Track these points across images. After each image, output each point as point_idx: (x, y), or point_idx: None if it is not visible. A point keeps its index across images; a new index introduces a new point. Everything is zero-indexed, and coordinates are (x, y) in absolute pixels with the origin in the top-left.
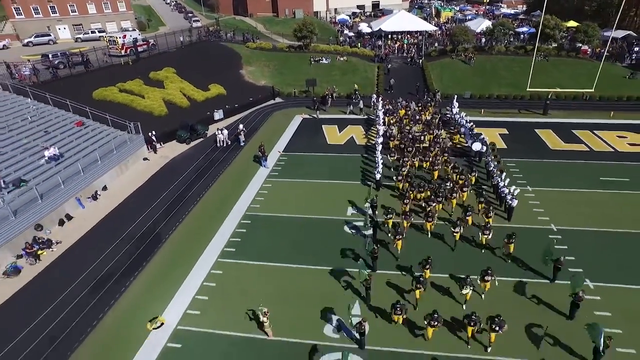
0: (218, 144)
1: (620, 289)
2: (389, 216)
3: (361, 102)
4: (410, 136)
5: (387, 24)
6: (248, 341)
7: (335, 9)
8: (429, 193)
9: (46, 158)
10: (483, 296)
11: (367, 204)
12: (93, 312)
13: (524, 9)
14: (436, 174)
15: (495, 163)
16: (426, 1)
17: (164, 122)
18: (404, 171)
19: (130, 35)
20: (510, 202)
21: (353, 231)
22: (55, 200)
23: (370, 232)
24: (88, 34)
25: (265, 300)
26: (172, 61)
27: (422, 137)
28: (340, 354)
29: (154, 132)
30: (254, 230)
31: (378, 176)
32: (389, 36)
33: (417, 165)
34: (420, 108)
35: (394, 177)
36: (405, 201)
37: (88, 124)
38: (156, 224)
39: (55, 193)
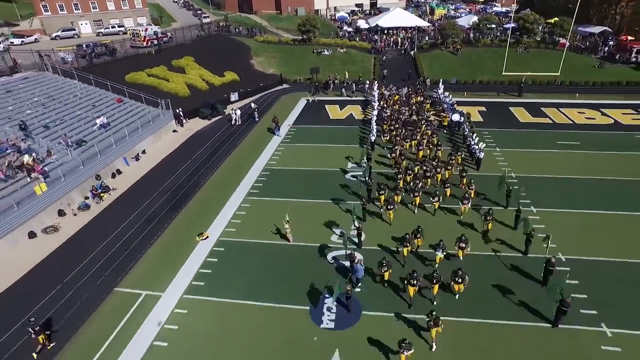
0: (232, 122)
1: (559, 213)
2: (381, 192)
3: (353, 85)
4: (401, 119)
5: (384, 20)
6: (274, 246)
7: (335, 7)
8: (416, 170)
9: (97, 125)
10: (462, 259)
11: (364, 158)
12: (150, 234)
13: (516, 7)
14: (421, 153)
15: (469, 128)
16: (423, 0)
17: (187, 102)
18: (397, 149)
19: (151, 29)
20: (478, 154)
21: (353, 179)
22: (108, 158)
23: (368, 178)
24: (108, 28)
25: (280, 220)
26: (189, 51)
27: (410, 118)
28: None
29: (180, 109)
30: (272, 179)
31: (373, 138)
32: (385, 31)
33: (406, 146)
34: (411, 93)
35: (388, 155)
36: (397, 180)
37: (125, 101)
38: (190, 177)
39: (108, 152)
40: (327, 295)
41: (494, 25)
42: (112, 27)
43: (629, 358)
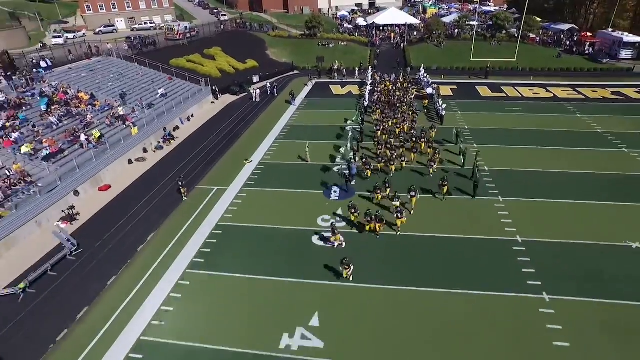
0: (253, 99)
1: (498, 148)
2: (366, 166)
3: (344, 70)
4: (389, 99)
5: (380, 18)
6: (297, 165)
7: (337, 7)
8: (392, 142)
9: (159, 95)
10: (412, 212)
11: (357, 117)
12: (207, 163)
13: (506, 7)
14: (398, 130)
15: (437, 96)
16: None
17: (219, 81)
18: (380, 127)
19: (183, 25)
20: (441, 112)
21: (347, 128)
22: (170, 117)
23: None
24: (141, 24)
25: (301, 151)
26: (216, 43)
27: (394, 99)
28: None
29: (215, 87)
30: (293, 130)
31: (366, 103)
32: (381, 28)
33: (389, 124)
34: (398, 78)
35: (375, 127)
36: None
37: (174, 79)
38: (232, 130)
39: (170, 113)
40: (334, 186)
41: (473, 22)
42: (145, 23)
43: (559, 317)
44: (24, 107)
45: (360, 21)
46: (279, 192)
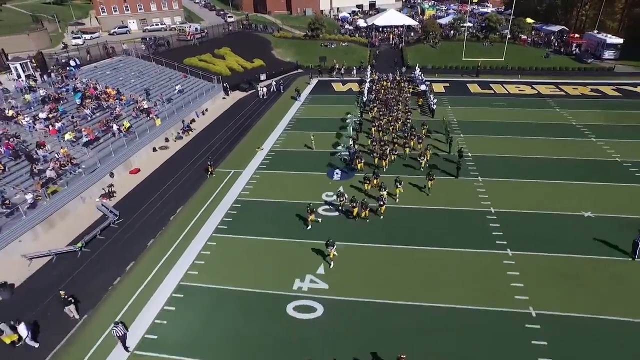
0: (260, 96)
1: (483, 138)
2: (358, 159)
3: (343, 69)
4: (387, 97)
5: (379, 20)
6: (305, 152)
7: (338, 8)
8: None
9: (176, 91)
10: (397, 200)
11: (357, 111)
12: (224, 151)
13: (503, 8)
14: (395, 126)
15: (430, 91)
16: (419, 1)
17: (229, 79)
18: (375, 124)
19: (194, 27)
20: (432, 106)
21: (347, 121)
22: (187, 110)
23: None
24: (152, 25)
25: (307, 140)
26: (225, 43)
27: (391, 96)
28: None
29: (226, 84)
30: (299, 123)
31: (364, 99)
32: (380, 29)
33: (384, 121)
34: (395, 77)
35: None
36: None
37: (188, 76)
38: (243, 123)
39: (187, 107)
40: (337, 168)
41: (467, 24)
42: (156, 24)
43: (518, 266)
44: (61, 101)
45: (361, 22)
46: (288, 174)
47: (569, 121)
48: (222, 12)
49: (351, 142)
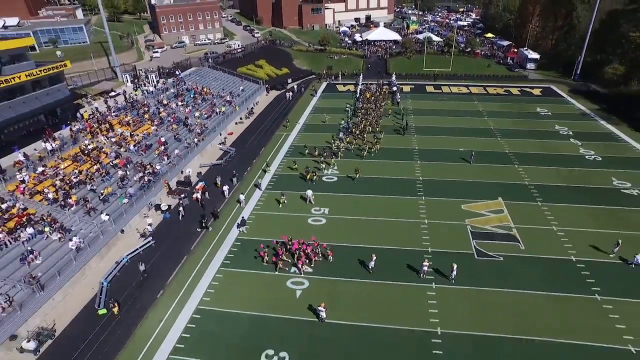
0: (287, 98)
1: (428, 119)
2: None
3: (340, 76)
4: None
5: (371, 35)
6: (321, 124)
7: (339, 21)
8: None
9: (241, 89)
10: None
11: (353, 104)
12: (277, 125)
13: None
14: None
15: (399, 91)
16: (410, 11)
17: (268, 82)
18: (362, 122)
19: (237, 43)
20: (398, 99)
21: (347, 111)
22: (248, 103)
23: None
24: (201, 41)
25: (323, 118)
26: (260, 56)
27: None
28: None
29: (267, 85)
30: (319, 109)
31: (359, 94)
32: (372, 43)
33: (364, 123)
34: (377, 89)
35: (358, 121)
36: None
37: (243, 80)
38: (282, 109)
39: (249, 100)
40: (340, 132)
41: (437, 38)
42: (204, 40)
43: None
44: (182, 96)
45: (357, 37)
46: (315, 134)
47: (478, 108)
48: (248, 28)
49: (347, 121)
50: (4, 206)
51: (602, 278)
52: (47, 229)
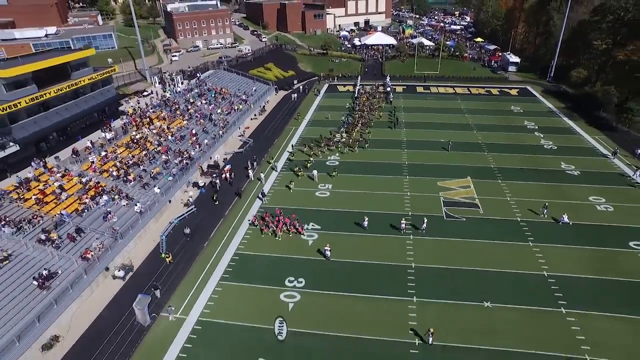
0: (292, 99)
1: (416, 115)
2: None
3: (336, 78)
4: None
5: (369, 40)
6: (325, 120)
7: (340, 25)
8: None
9: (253, 89)
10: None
11: (353, 103)
12: (286, 119)
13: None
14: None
15: (392, 91)
16: (407, 15)
17: (276, 83)
18: (359, 121)
19: (248, 48)
20: (391, 98)
21: (347, 110)
22: (261, 100)
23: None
24: (214, 45)
25: (326, 115)
26: (268, 60)
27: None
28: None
29: (276, 86)
30: (323, 108)
31: (356, 94)
32: (369, 47)
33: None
34: (372, 91)
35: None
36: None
37: (255, 82)
38: (291, 106)
39: (261, 100)
40: (342, 126)
41: (428, 44)
42: (216, 45)
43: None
44: (205, 95)
45: (356, 41)
46: (319, 128)
47: (460, 107)
48: (255, 32)
49: (348, 116)
50: (84, 180)
51: (537, 232)
52: (116, 197)
